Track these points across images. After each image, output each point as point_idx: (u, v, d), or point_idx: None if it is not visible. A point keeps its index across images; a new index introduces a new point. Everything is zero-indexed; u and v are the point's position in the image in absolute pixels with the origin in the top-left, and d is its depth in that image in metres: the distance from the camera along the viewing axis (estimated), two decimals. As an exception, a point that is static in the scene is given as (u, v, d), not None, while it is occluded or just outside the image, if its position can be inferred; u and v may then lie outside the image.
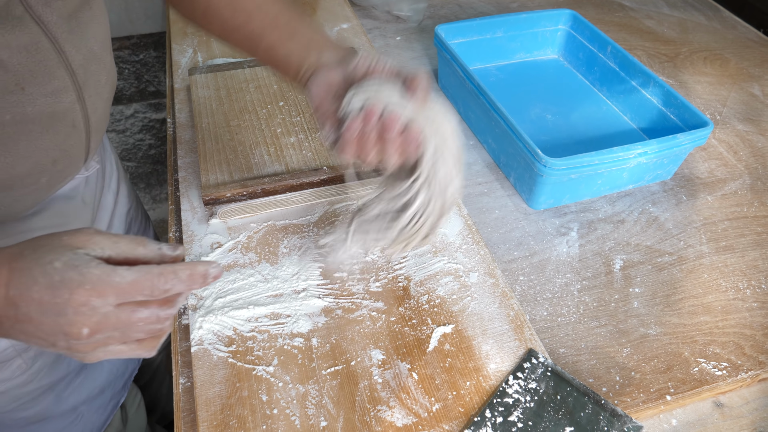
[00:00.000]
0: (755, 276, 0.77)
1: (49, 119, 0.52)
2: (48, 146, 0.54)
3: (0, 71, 0.46)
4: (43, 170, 0.55)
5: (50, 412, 0.72)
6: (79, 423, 0.78)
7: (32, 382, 0.68)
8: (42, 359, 0.68)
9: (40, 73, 0.50)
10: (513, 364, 0.61)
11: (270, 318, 0.64)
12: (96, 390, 0.79)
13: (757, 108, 1.05)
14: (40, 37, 0.49)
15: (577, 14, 1.05)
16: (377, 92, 0.50)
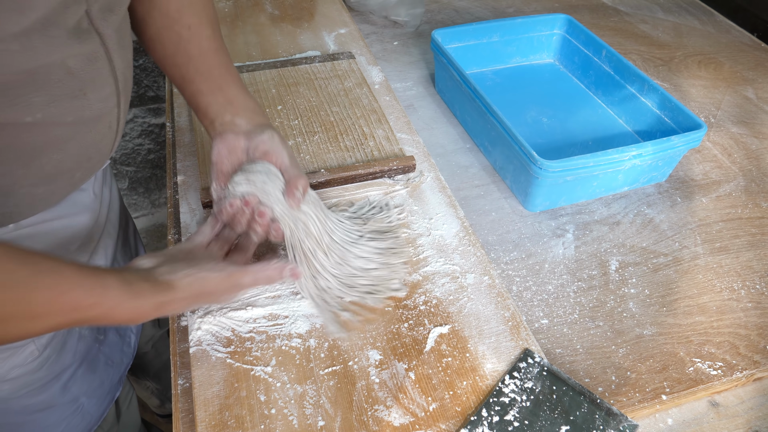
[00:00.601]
0: (750, 276, 0.77)
1: (95, 121, 0.57)
2: (89, 145, 0.59)
3: (69, 78, 0.51)
4: (80, 166, 0.61)
5: (55, 400, 0.76)
6: (79, 414, 0.81)
7: (41, 370, 0.71)
8: (51, 347, 0.71)
9: (98, 80, 0.55)
10: (509, 364, 0.61)
11: (268, 319, 0.64)
12: (96, 381, 0.82)
13: (751, 111, 1.06)
14: (99, 48, 0.54)
15: (572, 19, 1.06)
16: (262, 184, 0.60)
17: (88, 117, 0.55)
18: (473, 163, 0.92)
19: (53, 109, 0.51)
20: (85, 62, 0.52)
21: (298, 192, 0.61)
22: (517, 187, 0.85)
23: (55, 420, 0.78)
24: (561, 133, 0.96)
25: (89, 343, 0.80)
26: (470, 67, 1.07)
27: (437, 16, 1.29)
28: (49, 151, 0.54)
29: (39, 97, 0.49)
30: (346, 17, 1.17)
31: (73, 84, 0.51)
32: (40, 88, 0.49)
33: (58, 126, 0.53)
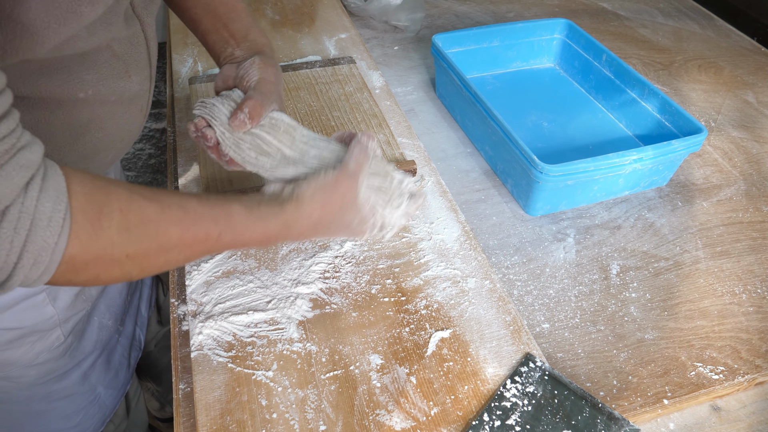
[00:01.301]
0: (751, 281, 0.77)
1: (131, 102, 0.61)
2: (123, 126, 0.62)
3: (114, 60, 0.56)
4: (114, 146, 0.64)
5: (75, 389, 0.79)
6: (96, 404, 0.84)
7: (64, 357, 0.75)
8: (73, 334, 0.74)
9: (140, 63, 0.60)
10: (511, 368, 0.61)
11: (269, 324, 0.64)
12: (112, 372, 0.85)
13: (752, 115, 1.06)
14: (139, 33, 0.59)
15: (572, 23, 1.07)
16: (211, 107, 0.61)
17: (127, 97, 0.60)
18: (474, 167, 0.92)
19: (101, 88, 0.55)
20: (128, 46, 0.57)
21: (241, 113, 0.58)
22: (518, 192, 0.85)
23: (75, 409, 0.81)
24: (561, 137, 0.96)
25: (110, 333, 0.83)
26: (471, 71, 1.07)
27: (437, 20, 1.29)
28: (92, 129, 0.58)
29: (89, 75, 0.54)
30: (347, 22, 1.17)
31: (118, 66, 0.56)
32: (91, 68, 0.53)
33: (103, 105, 0.57)
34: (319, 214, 0.54)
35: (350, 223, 0.57)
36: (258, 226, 0.51)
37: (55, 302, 0.69)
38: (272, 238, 0.53)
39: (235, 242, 0.51)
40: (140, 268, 0.47)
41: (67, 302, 0.71)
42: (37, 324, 0.69)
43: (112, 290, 0.83)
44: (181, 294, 0.70)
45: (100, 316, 0.80)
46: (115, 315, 0.84)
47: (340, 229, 0.57)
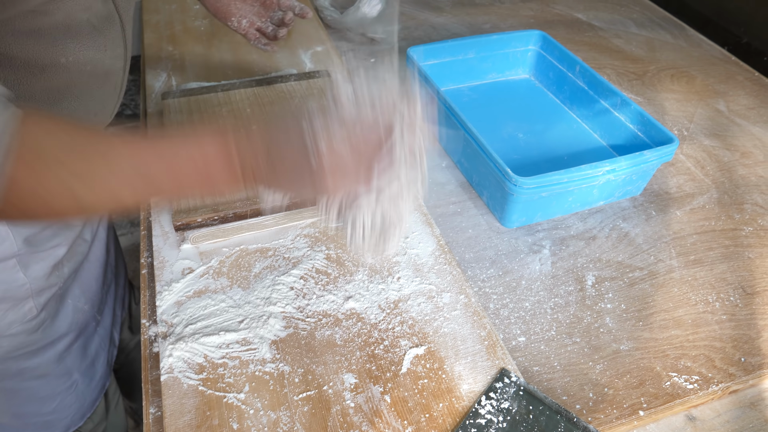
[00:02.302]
0: (724, 289, 0.78)
1: (105, 77, 0.66)
2: (97, 99, 0.67)
3: (95, 33, 0.61)
4: (87, 119, 0.67)
5: (50, 369, 0.80)
6: (73, 393, 0.85)
7: (37, 332, 0.76)
8: (47, 310, 0.76)
9: (115, 40, 0.65)
10: (486, 384, 0.61)
11: (241, 344, 0.63)
12: (88, 360, 0.86)
13: (723, 123, 1.08)
14: (114, 13, 0.64)
15: (546, 35, 1.07)
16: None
17: (101, 70, 0.64)
18: (450, 179, 0.92)
19: (80, 56, 0.60)
20: (105, 22, 0.63)
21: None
22: (493, 204, 0.85)
23: (49, 392, 0.81)
24: (537, 148, 0.97)
25: (86, 318, 0.84)
26: (447, 83, 1.08)
27: (414, 32, 1.29)
28: (68, 97, 0.63)
29: (73, 43, 0.59)
30: (323, 35, 1.17)
31: (98, 38, 0.62)
32: (75, 36, 0.59)
33: (80, 73, 0.62)
34: (264, 137, 0.50)
35: (295, 154, 0.49)
36: (209, 133, 0.49)
37: (27, 270, 0.71)
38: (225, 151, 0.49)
39: (195, 155, 0.48)
40: (90, 188, 0.46)
41: (39, 273, 0.73)
42: (8, 290, 0.71)
43: (87, 275, 0.84)
44: (152, 315, 0.69)
45: (75, 300, 0.82)
46: (91, 301, 0.86)
47: (291, 163, 0.50)
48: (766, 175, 0.97)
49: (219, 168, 0.49)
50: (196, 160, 0.48)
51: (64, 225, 0.75)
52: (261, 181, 0.51)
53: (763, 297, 0.77)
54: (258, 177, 0.50)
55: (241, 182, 0.50)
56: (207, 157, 0.48)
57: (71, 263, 0.79)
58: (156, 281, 0.70)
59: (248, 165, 0.49)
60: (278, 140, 0.50)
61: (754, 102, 1.14)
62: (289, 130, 0.50)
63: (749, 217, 0.89)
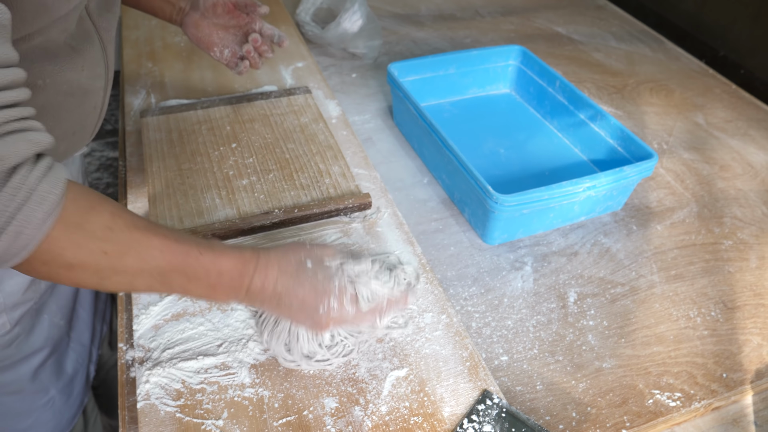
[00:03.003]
0: (705, 303, 0.78)
1: (84, 96, 0.65)
2: (75, 119, 0.67)
3: (74, 55, 0.61)
4: (65, 138, 0.67)
5: (24, 386, 0.79)
6: (50, 410, 0.84)
7: (11, 346, 0.75)
8: (21, 325, 0.75)
9: (94, 60, 0.65)
10: (467, 406, 0.60)
11: (220, 369, 0.62)
12: (66, 377, 0.85)
13: (702, 136, 1.09)
14: (94, 34, 0.65)
15: (526, 50, 1.08)
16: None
17: (79, 90, 0.64)
18: (432, 196, 0.92)
19: (57, 78, 0.60)
20: (83, 42, 0.62)
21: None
22: (475, 221, 0.85)
23: (25, 409, 0.80)
24: (518, 163, 0.97)
25: (61, 334, 0.83)
26: (428, 99, 1.08)
27: (396, 47, 1.30)
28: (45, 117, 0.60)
29: (51, 65, 0.59)
30: (304, 50, 1.16)
31: (77, 60, 0.61)
32: (53, 59, 0.59)
33: (57, 94, 0.61)
34: (276, 272, 0.55)
35: (306, 296, 0.56)
36: (232, 255, 0.54)
37: (0, 286, 0.71)
38: (239, 273, 0.54)
39: (210, 268, 0.52)
40: (113, 269, 0.48)
41: (14, 289, 0.72)
42: None
43: (64, 290, 0.83)
44: (130, 338, 0.67)
45: (51, 315, 0.81)
46: (66, 317, 0.85)
47: (300, 302, 0.56)
48: (745, 188, 0.98)
49: (227, 286, 0.54)
50: (210, 275, 0.53)
51: None
52: (262, 302, 0.56)
53: (744, 311, 0.78)
54: (260, 302, 0.56)
55: (243, 300, 0.55)
56: (222, 275, 0.53)
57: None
58: (133, 304, 0.69)
59: (255, 290, 0.55)
60: (292, 275, 0.55)
61: (732, 115, 1.15)
62: (306, 269, 0.56)
63: (729, 230, 0.90)
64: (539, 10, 1.49)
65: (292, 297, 0.55)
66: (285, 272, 0.55)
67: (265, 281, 0.54)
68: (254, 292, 0.54)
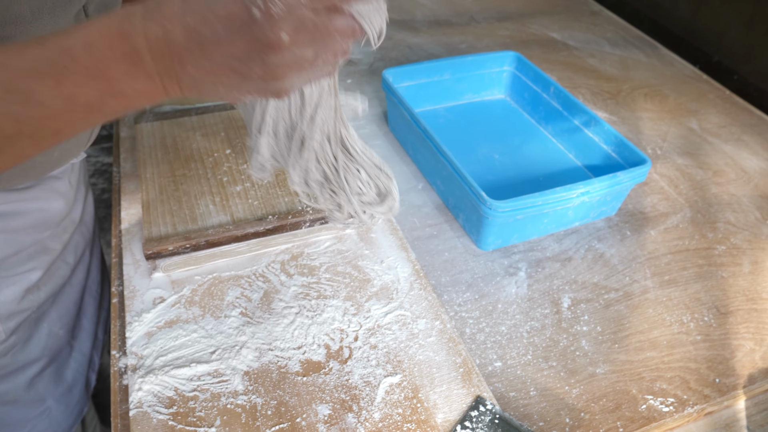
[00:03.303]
0: (698, 309, 0.78)
1: None
2: None
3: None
4: (59, 146, 0.64)
5: (19, 395, 0.77)
6: (46, 419, 0.81)
7: (6, 356, 0.73)
8: (17, 335, 0.73)
9: None
10: (461, 412, 0.60)
11: (213, 376, 0.62)
12: (64, 386, 0.83)
13: (695, 142, 1.09)
14: None
15: (521, 56, 1.08)
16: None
17: None
18: (426, 202, 0.92)
19: None
20: None
21: None
22: (469, 226, 0.85)
23: (20, 419, 0.78)
24: (513, 169, 0.97)
25: (61, 344, 0.81)
26: (423, 104, 1.08)
27: (391, 53, 1.30)
28: None
29: None
30: (299, 56, 1.17)
31: None
32: None
33: None
34: (176, 1, 0.37)
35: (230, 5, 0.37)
36: (97, 19, 0.38)
37: None
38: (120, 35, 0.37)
39: (73, 45, 0.37)
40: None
41: (10, 297, 0.71)
42: None
43: (66, 299, 0.82)
44: (123, 346, 0.67)
45: (51, 324, 0.79)
46: (67, 326, 0.83)
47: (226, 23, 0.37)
48: (738, 194, 0.98)
49: (111, 55, 0.37)
50: (78, 57, 0.37)
51: (40, 248, 0.73)
52: (181, 57, 0.38)
53: (737, 317, 0.78)
54: (175, 50, 0.37)
55: (153, 73, 0.38)
56: (93, 47, 0.37)
57: (49, 287, 0.77)
58: (126, 311, 0.69)
59: (159, 45, 0.37)
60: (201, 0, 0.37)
61: (725, 120, 1.16)
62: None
63: (722, 235, 0.90)
64: (535, 16, 1.50)
65: (213, 22, 0.36)
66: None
67: (164, 23, 0.37)
68: (159, 48, 0.37)
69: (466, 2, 1.54)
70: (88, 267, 0.88)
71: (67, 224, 0.77)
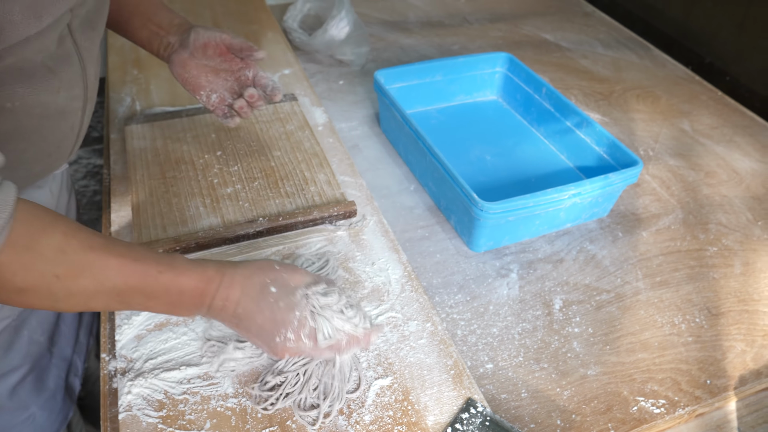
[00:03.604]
0: (690, 310, 0.78)
1: (59, 118, 0.62)
2: (51, 141, 0.64)
3: (50, 76, 0.57)
4: (40, 160, 0.65)
5: (3, 403, 0.77)
6: (31, 425, 0.81)
7: None
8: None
9: (72, 81, 0.61)
10: (451, 415, 0.60)
11: (203, 379, 0.62)
12: (48, 393, 0.83)
13: (687, 143, 1.10)
14: (74, 54, 0.60)
15: (513, 57, 1.08)
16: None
17: (54, 112, 0.61)
18: (418, 203, 0.92)
19: (29, 100, 0.56)
20: (61, 62, 0.58)
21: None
22: (461, 228, 0.85)
23: (4, 426, 0.79)
24: (505, 170, 0.97)
25: (41, 350, 0.81)
26: (415, 106, 1.08)
27: (383, 54, 1.30)
28: (16, 139, 0.59)
29: (22, 87, 0.55)
30: (291, 57, 1.16)
31: (52, 81, 0.58)
32: (25, 81, 0.55)
33: (29, 117, 0.58)
34: (238, 294, 0.55)
35: (265, 323, 0.56)
36: (193, 274, 0.54)
37: None
38: (201, 292, 0.54)
39: (171, 287, 0.52)
40: (67, 292, 0.47)
41: None
42: None
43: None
44: (113, 349, 0.67)
45: (31, 331, 0.79)
46: (48, 332, 0.83)
47: (258, 328, 0.57)
48: (730, 195, 0.98)
49: (188, 304, 0.54)
50: (171, 294, 0.52)
51: None
52: (221, 320, 0.57)
53: (728, 318, 0.78)
54: (220, 319, 0.57)
55: (203, 316, 0.56)
56: (182, 294, 0.53)
57: None
58: (116, 314, 0.68)
59: (216, 309, 0.55)
60: (254, 299, 0.55)
61: (717, 121, 1.16)
62: (269, 294, 0.56)
63: (714, 237, 0.90)
64: (527, 17, 1.50)
65: (251, 322, 0.55)
66: (247, 295, 0.55)
67: (226, 302, 0.55)
68: (215, 310, 0.55)
69: (458, 3, 1.54)
70: None
71: None
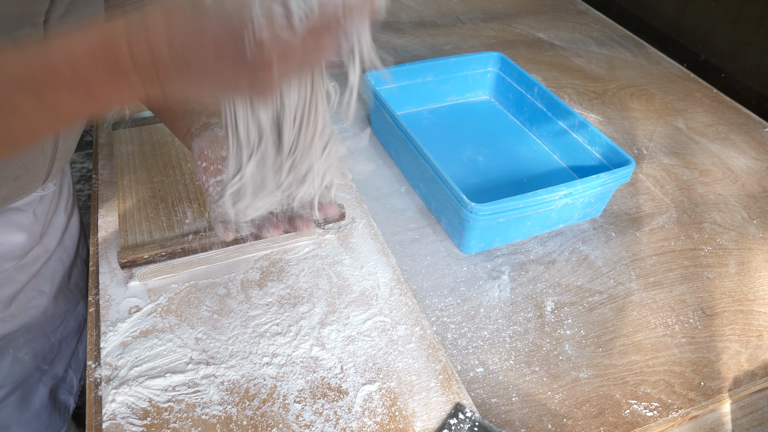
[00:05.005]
0: (683, 311, 0.77)
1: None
2: (15, 164, 0.60)
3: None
4: (5, 184, 0.61)
5: None
6: None
7: None
8: None
9: None
10: (440, 420, 0.59)
11: (188, 386, 0.61)
12: (30, 412, 0.80)
13: (682, 141, 1.09)
14: None
15: (504, 57, 1.08)
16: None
17: None
18: (409, 205, 0.91)
19: None
20: None
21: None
22: (451, 230, 0.84)
23: None
24: (497, 171, 0.96)
25: (27, 370, 0.78)
26: (406, 106, 1.07)
27: (376, 55, 1.29)
28: None
29: None
30: (282, 59, 1.15)
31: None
32: None
33: None
34: (162, 23, 0.37)
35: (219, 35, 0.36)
36: (82, 30, 0.37)
37: None
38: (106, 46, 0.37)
39: (55, 59, 0.37)
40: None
41: None
42: None
43: (38, 328, 0.79)
44: (98, 356, 0.66)
45: (17, 350, 0.76)
46: (34, 351, 0.80)
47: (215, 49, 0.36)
48: (725, 193, 0.97)
49: (99, 75, 0.37)
50: (60, 69, 0.37)
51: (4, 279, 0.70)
52: (167, 75, 0.38)
53: (722, 318, 0.77)
54: (161, 69, 0.37)
55: (136, 82, 0.38)
56: (76, 60, 0.37)
57: (18, 318, 0.74)
58: (101, 321, 0.67)
59: (145, 62, 0.37)
60: (188, 18, 0.36)
61: (712, 119, 1.15)
62: (204, 4, 0.36)
63: (708, 236, 0.89)
64: (520, 16, 1.49)
65: (201, 47, 0.36)
66: (175, 18, 0.36)
67: (150, 42, 0.36)
68: (144, 68, 0.37)
69: (451, 3, 1.53)
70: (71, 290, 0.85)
71: (38, 254, 0.75)
